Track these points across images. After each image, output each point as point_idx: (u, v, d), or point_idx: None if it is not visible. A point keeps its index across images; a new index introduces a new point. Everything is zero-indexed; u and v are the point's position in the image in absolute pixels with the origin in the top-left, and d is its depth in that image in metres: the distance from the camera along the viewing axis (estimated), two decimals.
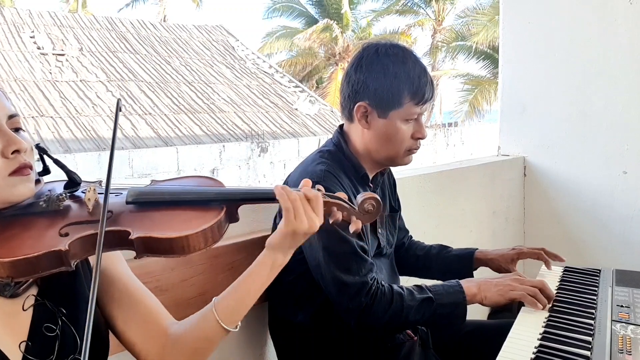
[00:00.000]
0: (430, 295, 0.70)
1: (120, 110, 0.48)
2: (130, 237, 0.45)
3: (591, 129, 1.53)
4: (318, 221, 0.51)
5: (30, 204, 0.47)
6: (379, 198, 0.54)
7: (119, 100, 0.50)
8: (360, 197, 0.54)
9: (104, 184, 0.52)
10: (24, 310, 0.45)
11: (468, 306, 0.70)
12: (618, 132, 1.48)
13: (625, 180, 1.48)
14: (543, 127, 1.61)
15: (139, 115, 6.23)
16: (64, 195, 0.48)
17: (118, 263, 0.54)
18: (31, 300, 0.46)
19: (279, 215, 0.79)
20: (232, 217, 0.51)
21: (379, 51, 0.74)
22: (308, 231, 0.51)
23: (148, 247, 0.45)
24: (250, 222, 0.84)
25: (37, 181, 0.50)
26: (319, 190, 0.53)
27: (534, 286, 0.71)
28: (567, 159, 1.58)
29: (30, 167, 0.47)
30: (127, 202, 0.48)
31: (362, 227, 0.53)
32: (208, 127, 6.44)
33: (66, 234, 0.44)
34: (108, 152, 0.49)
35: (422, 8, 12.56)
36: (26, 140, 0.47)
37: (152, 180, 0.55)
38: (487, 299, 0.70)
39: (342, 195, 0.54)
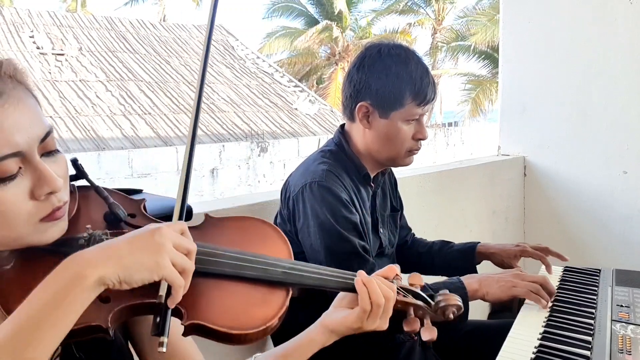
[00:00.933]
0: (432, 293, 0.70)
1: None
2: (182, 319, 0.38)
3: (591, 129, 1.53)
4: (386, 325, 0.46)
5: (64, 242, 0.39)
6: (462, 305, 0.48)
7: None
8: (441, 301, 0.47)
9: (146, 206, 0.45)
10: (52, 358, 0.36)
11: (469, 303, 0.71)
12: (618, 132, 1.48)
13: (625, 180, 1.48)
14: (543, 127, 1.61)
15: (139, 115, 6.22)
16: (105, 239, 0.39)
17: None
18: (58, 350, 0.39)
19: (279, 215, 0.79)
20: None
21: (381, 51, 0.74)
22: (374, 329, 0.46)
23: (201, 332, 0.38)
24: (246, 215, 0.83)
25: (70, 192, 0.41)
26: (396, 275, 0.48)
27: (535, 282, 0.71)
28: (567, 159, 1.58)
29: (65, 204, 0.38)
30: None
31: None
32: (208, 126, 6.44)
33: (107, 299, 0.36)
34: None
35: (422, 8, 12.57)
36: (61, 164, 0.38)
37: (206, 216, 0.46)
38: (489, 295, 0.70)
39: (417, 280, 0.48)
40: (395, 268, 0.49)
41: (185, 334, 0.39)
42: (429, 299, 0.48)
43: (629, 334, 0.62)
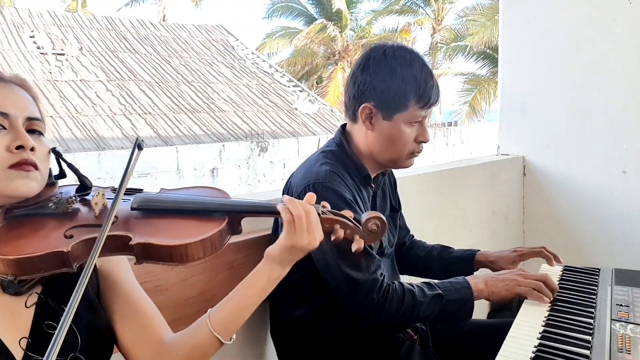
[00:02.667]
0: (440, 291, 0.71)
1: (141, 149, 0.50)
2: (130, 242, 0.45)
3: (591, 129, 1.53)
4: (319, 237, 0.51)
5: (41, 205, 0.48)
6: (383, 218, 0.53)
7: (138, 139, 0.51)
8: (364, 216, 0.53)
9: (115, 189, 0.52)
10: (26, 307, 0.45)
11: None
12: (617, 132, 1.48)
13: (624, 179, 1.48)
14: (542, 127, 1.62)
15: (139, 114, 6.22)
16: (73, 198, 0.49)
17: (122, 268, 0.54)
18: (34, 298, 0.46)
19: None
20: (235, 229, 0.51)
21: (386, 53, 0.74)
22: (307, 246, 0.51)
23: (147, 253, 0.46)
24: (250, 222, 0.84)
25: (52, 184, 0.51)
26: (324, 206, 0.53)
27: (538, 279, 0.71)
28: (566, 159, 1.58)
29: (34, 166, 0.47)
30: (132, 208, 0.49)
31: (364, 246, 0.53)
32: (208, 126, 6.44)
33: (71, 236, 0.45)
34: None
35: (422, 7, 12.56)
36: (41, 144, 0.48)
37: (162, 189, 0.55)
38: (494, 295, 0.71)
39: (347, 213, 0.54)
40: (313, 194, 0.53)
41: (137, 261, 0.46)
42: (353, 220, 0.53)
43: (628, 333, 0.62)
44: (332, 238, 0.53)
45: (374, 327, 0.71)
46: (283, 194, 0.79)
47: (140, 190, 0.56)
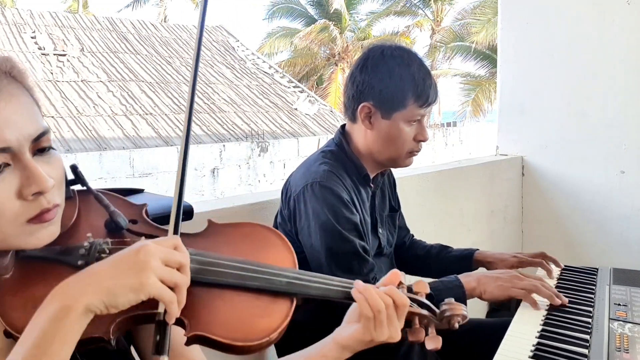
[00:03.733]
0: (430, 292, 0.71)
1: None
2: (185, 331, 0.37)
3: (589, 129, 1.53)
4: (399, 328, 0.44)
5: (64, 251, 0.37)
6: (467, 315, 0.47)
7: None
8: (447, 310, 0.46)
9: (148, 211, 0.44)
10: None
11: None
12: (616, 132, 1.48)
13: (623, 180, 1.48)
14: (541, 127, 1.62)
15: (140, 115, 6.24)
16: (106, 247, 0.38)
17: (175, 328, 0.41)
18: None
19: (280, 215, 0.79)
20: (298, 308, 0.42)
21: (384, 53, 0.75)
22: (387, 341, 0.44)
23: (203, 342, 0.38)
24: (249, 218, 0.84)
25: (69, 198, 0.40)
26: (401, 284, 0.46)
27: (537, 255, 0.73)
28: (565, 159, 1.58)
29: (56, 207, 0.36)
30: None
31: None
32: (208, 127, 6.45)
33: None
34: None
35: (421, 9, 12.57)
36: (55, 164, 0.36)
37: (210, 222, 0.45)
38: (487, 293, 0.70)
39: (422, 288, 0.46)
40: (399, 274, 0.47)
41: (187, 344, 0.38)
42: (435, 308, 0.47)
43: (626, 332, 0.62)
44: (410, 339, 0.45)
45: None
46: (282, 193, 0.78)
47: (141, 191, 0.53)
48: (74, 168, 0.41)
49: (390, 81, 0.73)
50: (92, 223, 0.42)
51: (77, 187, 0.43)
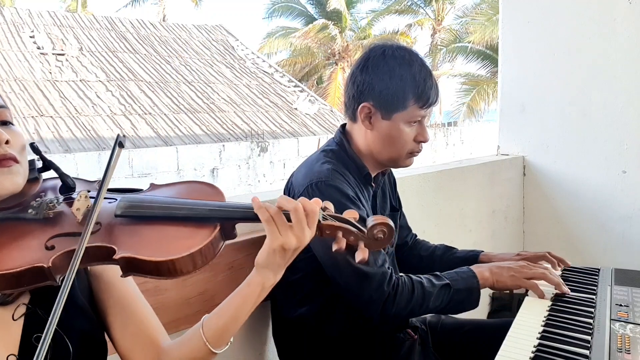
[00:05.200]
0: (447, 281, 0.71)
1: (122, 146, 0.45)
2: (114, 255, 0.42)
3: (590, 129, 1.52)
4: (309, 234, 0.47)
5: (21, 209, 0.45)
6: (391, 224, 0.48)
7: (118, 136, 0.46)
8: (370, 222, 0.48)
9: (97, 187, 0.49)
10: (14, 320, 0.43)
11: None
12: (617, 132, 1.48)
13: (624, 179, 1.48)
14: (542, 127, 1.61)
15: (139, 115, 6.23)
16: (55, 202, 0.45)
17: (117, 270, 0.50)
18: (22, 310, 0.44)
19: None
20: (229, 234, 0.47)
21: (385, 53, 0.74)
22: (298, 246, 0.47)
23: (133, 267, 0.43)
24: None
25: (35, 179, 0.48)
26: (325, 208, 0.49)
27: (541, 255, 0.75)
28: (566, 159, 1.57)
29: (15, 160, 0.44)
30: (116, 215, 0.45)
31: (368, 255, 0.48)
32: (208, 126, 6.44)
33: (52, 247, 0.42)
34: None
35: (422, 8, 12.56)
36: (14, 133, 0.45)
37: (151, 184, 0.52)
38: (499, 283, 0.72)
39: (351, 214, 0.49)
40: (324, 203, 0.50)
41: (123, 274, 0.43)
42: (360, 226, 0.49)
43: (628, 333, 0.62)
44: (334, 248, 0.48)
45: (385, 321, 0.71)
46: (284, 194, 0.78)
47: (140, 190, 0.54)
48: (31, 144, 0.48)
49: (390, 82, 0.73)
50: (51, 192, 0.49)
51: (46, 175, 0.51)
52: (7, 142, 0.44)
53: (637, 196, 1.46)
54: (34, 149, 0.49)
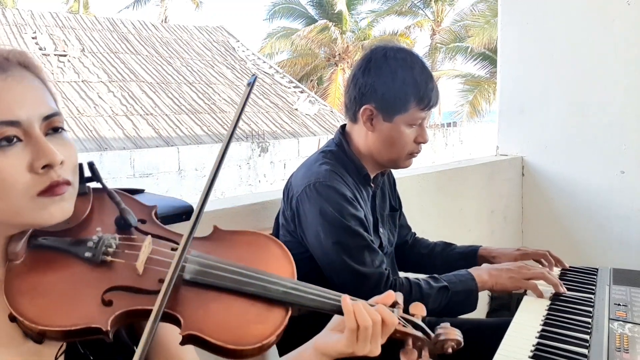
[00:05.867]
0: (445, 283, 0.71)
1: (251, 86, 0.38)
2: (180, 327, 0.38)
3: (589, 129, 1.53)
4: (378, 350, 0.44)
5: (75, 242, 0.39)
6: (461, 341, 0.47)
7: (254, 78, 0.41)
8: (441, 334, 0.46)
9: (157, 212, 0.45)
10: (56, 359, 0.39)
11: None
12: (616, 132, 1.48)
13: (622, 180, 1.48)
14: (541, 127, 1.61)
15: (141, 115, 6.24)
16: (115, 244, 0.40)
17: (170, 328, 0.43)
18: (63, 347, 0.39)
19: (282, 215, 0.79)
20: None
21: (387, 55, 0.75)
22: (367, 355, 0.44)
23: (197, 342, 0.39)
24: (250, 221, 0.84)
25: (84, 194, 0.42)
26: (396, 302, 0.47)
27: (541, 252, 0.76)
28: (565, 159, 1.58)
29: (67, 183, 0.38)
30: (184, 280, 0.40)
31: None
32: (209, 127, 6.46)
33: (109, 303, 0.37)
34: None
35: (421, 9, 12.57)
36: (66, 146, 0.39)
37: (215, 227, 0.46)
38: (498, 285, 0.72)
39: (419, 310, 0.47)
40: (394, 295, 0.48)
41: (182, 343, 0.39)
42: (429, 331, 0.47)
43: (626, 332, 0.62)
44: (402, 358, 0.45)
45: None
46: (283, 194, 0.78)
47: (142, 191, 0.52)
48: (90, 165, 0.43)
49: (392, 84, 0.73)
50: (104, 219, 0.43)
51: (93, 184, 0.45)
52: (61, 163, 0.37)
53: (635, 196, 1.46)
54: (93, 171, 0.42)
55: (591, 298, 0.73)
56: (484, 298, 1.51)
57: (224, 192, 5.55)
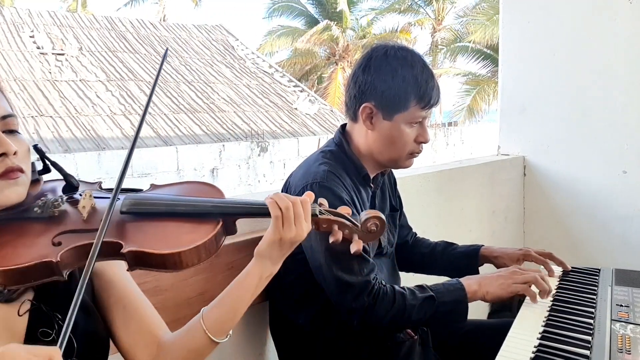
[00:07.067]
0: (432, 293, 0.70)
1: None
2: (122, 250, 0.44)
3: (591, 129, 1.52)
4: (306, 228, 0.50)
5: (25, 209, 0.46)
6: (383, 217, 0.52)
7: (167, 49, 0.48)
8: (363, 215, 0.52)
9: (102, 186, 0.52)
10: (19, 315, 0.45)
11: (469, 304, 0.71)
12: (617, 132, 1.48)
13: (624, 179, 1.48)
14: (543, 127, 1.61)
15: (139, 114, 6.22)
16: (59, 201, 0.47)
17: (117, 267, 0.53)
18: (27, 305, 0.45)
19: None
20: (230, 230, 0.49)
21: (387, 53, 0.74)
22: (295, 239, 0.50)
23: (140, 261, 0.44)
24: (249, 222, 0.84)
25: (36, 181, 0.49)
26: (321, 204, 0.52)
27: (545, 254, 0.75)
28: (566, 159, 1.57)
29: (20, 170, 0.45)
30: (122, 212, 0.47)
31: (362, 246, 0.51)
32: (208, 126, 6.44)
33: (59, 243, 0.43)
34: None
35: (422, 7, 12.56)
36: (20, 143, 0.46)
37: (152, 185, 0.53)
38: (489, 294, 0.71)
39: (344, 210, 0.52)
40: (311, 193, 0.53)
41: (129, 268, 0.45)
42: (352, 219, 0.52)
43: (628, 333, 0.62)
44: (331, 240, 0.51)
45: (366, 330, 0.71)
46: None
47: (140, 190, 0.54)
48: (34, 146, 0.50)
49: (393, 82, 0.73)
50: (53, 193, 0.50)
51: (46, 177, 0.52)
52: (14, 153, 0.45)
53: (637, 196, 1.45)
54: (38, 150, 0.50)
55: (593, 299, 0.73)
56: None
57: (224, 191, 5.53)
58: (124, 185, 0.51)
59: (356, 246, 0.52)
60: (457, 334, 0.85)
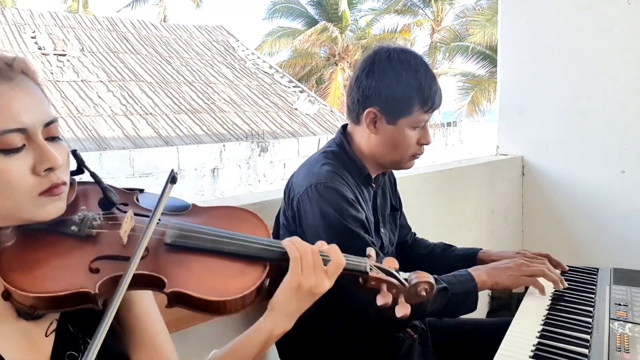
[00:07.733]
0: (445, 285, 0.71)
1: (174, 182, 0.43)
2: (164, 289, 0.41)
3: (589, 129, 1.53)
4: (328, 283, 0.47)
5: (60, 222, 0.42)
6: (433, 282, 0.49)
7: (172, 171, 0.44)
8: (413, 278, 0.49)
9: (139, 197, 0.48)
10: (46, 336, 0.42)
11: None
12: (616, 132, 1.48)
13: (623, 179, 1.48)
14: (541, 127, 1.62)
15: (140, 115, 6.24)
16: (98, 220, 0.43)
17: (148, 300, 0.50)
18: (54, 325, 0.43)
19: (282, 215, 0.79)
20: (274, 273, 0.46)
21: (391, 57, 0.74)
22: (315, 289, 0.46)
23: (181, 300, 0.42)
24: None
25: (71, 184, 0.45)
26: (369, 255, 0.49)
27: (541, 256, 0.74)
28: (565, 159, 1.58)
29: (64, 184, 0.42)
30: (166, 244, 0.44)
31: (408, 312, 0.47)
32: (208, 126, 6.45)
33: (97, 270, 0.40)
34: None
35: (421, 8, 12.56)
36: (62, 150, 0.42)
37: (193, 205, 0.50)
38: (498, 284, 0.72)
39: (392, 263, 0.50)
40: (372, 252, 0.51)
41: (168, 305, 0.42)
42: (402, 278, 0.50)
43: (626, 332, 0.62)
44: (380, 303, 0.47)
45: (381, 323, 0.71)
46: (284, 194, 0.78)
47: (141, 191, 0.52)
48: (74, 152, 0.47)
49: (397, 87, 0.73)
50: (88, 202, 0.47)
51: (78, 177, 0.49)
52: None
53: (636, 196, 1.46)
54: (77, 157, 0.46)
55: (592, 298, 0.73)
56: (484, 298, 1.51)
57: (224, 191, 5.55)
58: (128, 186, 0.50)
59: (403, 311, 0.47)
60: (457, 333, 0.86)
